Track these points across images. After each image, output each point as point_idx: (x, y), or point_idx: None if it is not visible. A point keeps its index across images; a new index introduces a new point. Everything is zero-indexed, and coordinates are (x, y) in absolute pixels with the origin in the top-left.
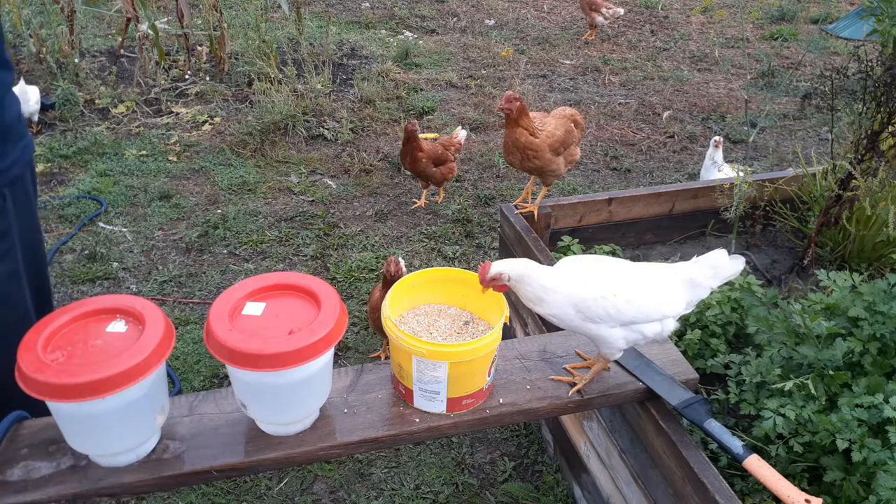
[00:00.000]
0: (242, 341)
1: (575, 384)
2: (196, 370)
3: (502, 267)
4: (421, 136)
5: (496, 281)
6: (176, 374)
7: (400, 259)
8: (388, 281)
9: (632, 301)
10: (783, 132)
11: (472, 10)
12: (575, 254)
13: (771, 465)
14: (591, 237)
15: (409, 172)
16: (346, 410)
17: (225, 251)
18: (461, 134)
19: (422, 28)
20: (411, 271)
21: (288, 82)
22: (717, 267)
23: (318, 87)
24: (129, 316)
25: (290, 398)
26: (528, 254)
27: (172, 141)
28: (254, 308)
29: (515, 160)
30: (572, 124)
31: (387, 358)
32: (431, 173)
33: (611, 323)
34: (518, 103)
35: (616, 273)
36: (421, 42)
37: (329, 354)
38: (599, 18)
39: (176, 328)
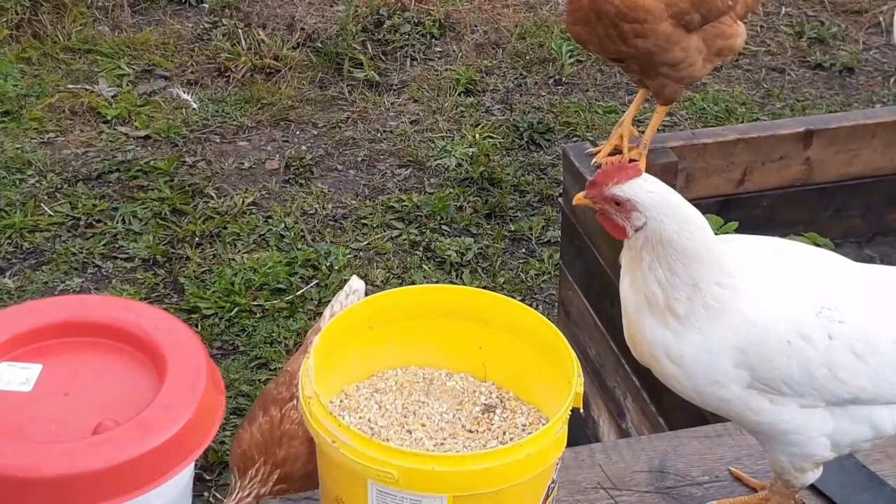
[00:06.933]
0: None
1: None
2: None
3: (642, 192)
4: None
5: (620, 208)
6: None
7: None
8: None
9: (870, 348)
10: None
11: None
12: None
13: None
14: (769, 218)
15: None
16: None
17: None
18: None
19: None
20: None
21: None
22: None
23: None
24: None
25: None
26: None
27: None
28: (15, 374)
29: (590, 35)
30: None
31: None
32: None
33: (810, 399)
34: None
35: (833, 283)
36: None
37: (185, 476)
38: None
39: None
